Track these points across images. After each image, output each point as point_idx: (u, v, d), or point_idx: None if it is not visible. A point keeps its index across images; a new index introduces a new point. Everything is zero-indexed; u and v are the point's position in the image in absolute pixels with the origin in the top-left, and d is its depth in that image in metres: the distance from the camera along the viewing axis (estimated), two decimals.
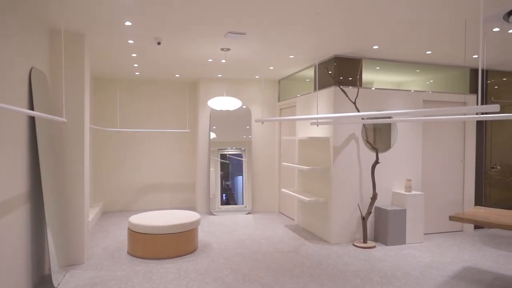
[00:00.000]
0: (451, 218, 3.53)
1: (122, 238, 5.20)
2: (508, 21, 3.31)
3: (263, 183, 7.21)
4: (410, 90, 5.41)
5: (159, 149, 7.42)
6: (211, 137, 7.04)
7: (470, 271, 3.96)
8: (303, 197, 5.13)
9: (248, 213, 6.95)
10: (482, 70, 5.78)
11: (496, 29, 3.75)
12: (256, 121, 3.85)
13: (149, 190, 7.39)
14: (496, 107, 1.73)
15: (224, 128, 7.18)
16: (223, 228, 5.79)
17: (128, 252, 4.52)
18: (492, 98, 5.87)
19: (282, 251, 4.64)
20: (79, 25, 3.74)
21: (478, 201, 5.86)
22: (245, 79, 7.11)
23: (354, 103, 4.82)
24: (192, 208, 7.36)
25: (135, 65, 5.77)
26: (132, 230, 4.43)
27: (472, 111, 1.86)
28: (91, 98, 6.65)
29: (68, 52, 3.98)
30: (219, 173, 7.25)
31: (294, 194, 5.44)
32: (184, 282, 3.61)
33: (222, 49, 4.72)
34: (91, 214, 5.89)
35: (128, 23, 3.68)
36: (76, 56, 4.03)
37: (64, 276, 3.70)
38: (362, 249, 4.73)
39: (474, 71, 5.78)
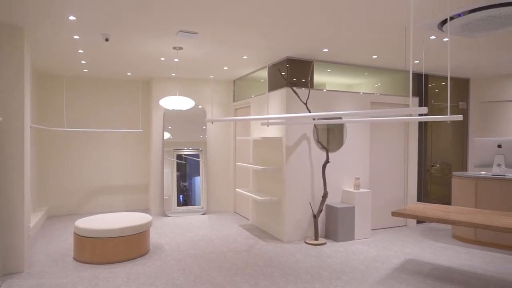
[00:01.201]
0: (393, 213, 3.73)
1: (68, 243, 4.95)
2: (441, 30, 3.57)
3: (219, 184, 7.20)
4: (359, 92, 5.66)
5: (110, 150, 7.15)
6: (166, 137, 6.91)
7: (411, 263, 4.21)
8: (256, 197, 5.19)
9: (203, 214, 6.91)
10: (422, 75, 6.17)
11: (433, 37, 4.03)
12: (206, 121, 3.84)
13: (99, 193, 7.10)
14: (424, 109, 1.87)
15: (180, 128, 7.07)
16: (176, 230, 5.70)
17: (74, 258, 4.31)
18: (432, 101, 6.30)
19: (236, 250, 4.66)
20: (16, 17, 3.51)
21: (420, 197, 6.25)
22: (200, 79, 7.06)
23: (306, 104, 4.95)
24: (146, 210, 7.18)
25: (83, 62, 5.52)
26: (78, 235, 4.24)
27: (401, 113, 1.99)
28: (35, 95, 6.26)
29: (4, 46, 3.72)
30: (175, 173, 7.13)
31: (248, 194, 5.48)
32: (133, 286, 3.51)
33: (174, 48, 4.66)
34: (34, 219, 5.55)
35: (72, 18, 3.51)
36: (14, 50, 3.77)
37: (0, 286, 3.46)
38: (314, 246, 4.87)
39: (416, 76, 6.16)
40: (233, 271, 3.93)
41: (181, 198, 7.34)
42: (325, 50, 4.73)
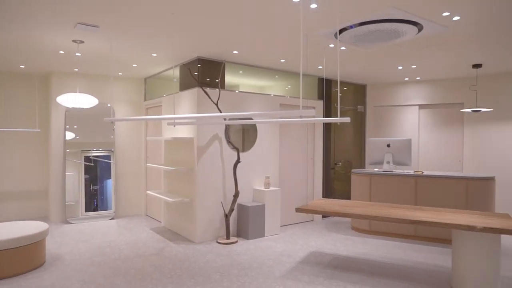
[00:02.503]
0: (297, 210, 3.96)
1: None
2: (337, 39, 3.90)
3: (130, 186, 6.86)
4: (270, 94, 5.88)
5: (3, 152, 6.32)
6: (70, 138, 6.35)
7: (314, 255, 4.51)
8: (167, 198, 5.07)
9: (112, 219, 6.51)
10: (326, 80, 6.67)
11: (332, 45, 4.38)
12: (105, 120, 3.63)
13: None
14: (312, 112, 2.03)
15: (87, 127, 6.56)
16: (80, 237, 5.28)
17: None
18: (335, 104, 6.84)
19: (144, 255, 4.49)
20: None
21: (326, 194, 6.74)
22: (107, 76, 6.64)
23: (216, 104, 4.99)
24: (44, 218, 6.51)
25: None
26: None
27: (294, 115, 2.16)
28: None
29: None
30: (83, 177, 6.60)
31: (159, 195, 5.33)
32: None
33: (74, 41, 4.31)
34: None
35: None
36: None
37: None
38: (225, 245, 4.93)
39: (321, 80, 6.62)
40: (139, 276, 3.78)
41: (95, 203, 6.84)
42: (235, 52, 4.82)
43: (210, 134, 5.12)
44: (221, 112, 5.07)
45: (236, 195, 5.13)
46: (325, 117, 6.62)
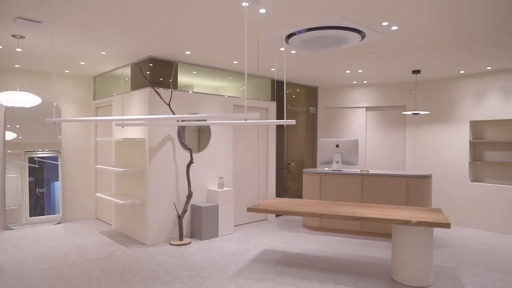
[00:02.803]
0: (248, 209, 4.04)
1: None
2: (287, 43, 4.03)
3: (78, 188, 6.57)
4: (224, 95, 5.92)
5: None
6: (11, 138, 5.96)
7: (266, 253, 4.62)
8: (117, 200, 4.93)
9: (58, 223, 6.21)
10: (276, 81, 6.83)
11: (282, 49, 4.51)
12: (46, 121, 3.47)
13: None
14: (256, 115, 2.10)
15: (31, 127, 6.19)
16: (21, 244, 4.99)
17: None
18: (288, 106, 7.02)
19: (92, 260, 4.34)
20: None
21: (280, 193, 6.90)
22: (54, 73, 6.32)
23: (169, 105, 4.94)
24: None
25: None
26: None
27: (239, 117, 2.22)
28: None
29: None
30: (27, 179, 6.22)
31: (109, 197, 5.17)
32: None
33: (14, 36, 4.07)
34: None
35: None
36: None
37: None
38: (178, 246, 4.90)
39: (275, 82, 6.77)
40: (86, 282, 3.66)
41: (44, 206, 6.48)
42: (188, 52, 4.81)
43: (163, 134, 5.06)
44: (173, 112, 5.03)
45: (189, 196, 5.11)
46: (278, 119, 6.78)
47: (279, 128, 6.85)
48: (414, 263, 3.57)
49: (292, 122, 2.73)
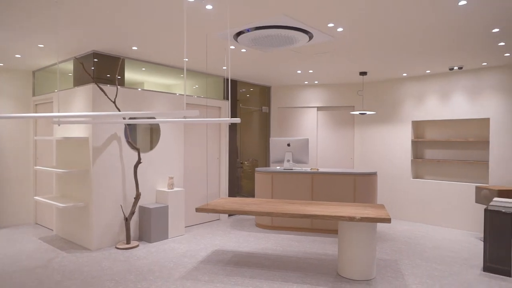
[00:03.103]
0: (197, 209, 3.96)
1: None
2: (237, 41, 4.00)
3: (15, 191, 6.09)
4: (175, 94, 5.76)
5: None
6: None
7: (216, 254, 4.56)
8: (57, 204, 4.63)
9: None
10: (231, 80, 6.79)
11: (232, 47, 4.47)
12: None
13: None
14: (196, 112, 2.05)
15: None
16: None
17: None
18: (241, 105, 7.00)
19: (28, 268, 4.03)
20: None
21: (233, 192, 6.86)
22: None
23: (114, 102, 4.72)
24: None
25: None
26: None
27: (178, 115, 2.16)
28: None
29: None
30: None
31: (49, 201, 4.84)
32: None
33: None
34: None
35: None
36: None
37: None
38: (125, 250, 4.70)
39: (228, 81, 6.72)
40: None
41: None
42: (135, 48, 4.62)
43: (108, 133, 4.82)
44: (119, 110, 4.81)
45: (137, 197, 4.92)
46: (232, 117, 6.73)
47: (232, 127, 6.81)
48: (358, 258, 3.69)
49: (237, 120, 2.70)
